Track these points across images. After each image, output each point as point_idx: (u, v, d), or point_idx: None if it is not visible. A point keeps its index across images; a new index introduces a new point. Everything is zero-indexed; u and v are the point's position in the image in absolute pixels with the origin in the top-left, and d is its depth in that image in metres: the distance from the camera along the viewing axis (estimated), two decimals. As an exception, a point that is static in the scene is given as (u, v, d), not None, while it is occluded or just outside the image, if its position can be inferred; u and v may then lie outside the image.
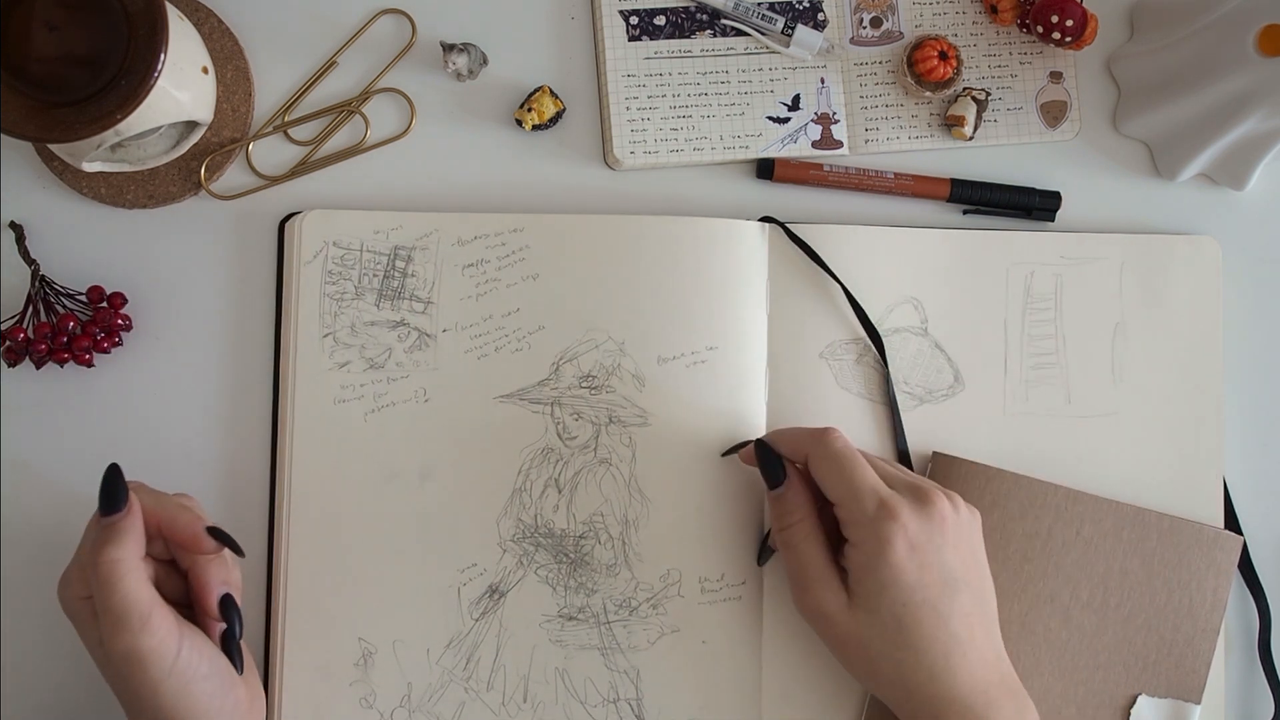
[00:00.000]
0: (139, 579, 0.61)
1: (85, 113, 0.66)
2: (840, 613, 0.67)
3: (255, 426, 0.76)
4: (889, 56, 0.80)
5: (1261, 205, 0.81)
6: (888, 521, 0.65)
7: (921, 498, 0.66)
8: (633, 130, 0.77)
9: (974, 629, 0.66)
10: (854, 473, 0.67)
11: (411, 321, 0.75)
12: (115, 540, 0.62)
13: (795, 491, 0.69)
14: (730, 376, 0.75)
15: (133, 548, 0.62)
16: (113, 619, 0.61)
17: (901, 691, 0.66)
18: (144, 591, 0.61)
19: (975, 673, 0.65)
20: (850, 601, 0.67)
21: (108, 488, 0.63)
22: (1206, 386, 0.79)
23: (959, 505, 0.68)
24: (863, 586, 0.66)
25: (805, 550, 0.68)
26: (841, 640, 0.67)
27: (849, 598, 0.67)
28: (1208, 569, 0.75)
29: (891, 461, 0.72)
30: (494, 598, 0.74)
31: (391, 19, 0.78)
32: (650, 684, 0.74)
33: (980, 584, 0.68)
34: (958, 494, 0.69)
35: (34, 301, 0.74)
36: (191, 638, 0.63)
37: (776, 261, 0.77)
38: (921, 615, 0.65)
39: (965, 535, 0.68)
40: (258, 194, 0.77)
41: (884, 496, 0.66)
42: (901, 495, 0.66)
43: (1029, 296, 0.78)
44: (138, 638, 0.60)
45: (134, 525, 0.63)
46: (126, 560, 0.61)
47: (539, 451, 0.75)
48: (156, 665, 0.61)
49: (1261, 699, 0.79)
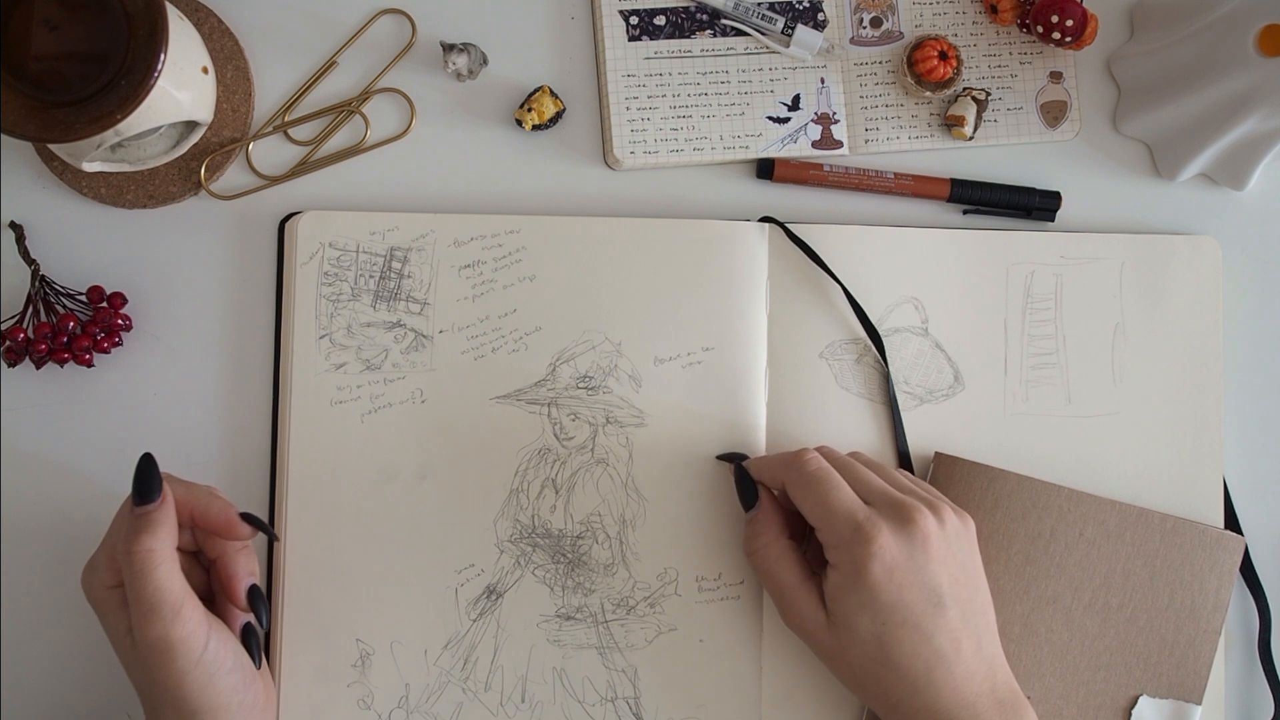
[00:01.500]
0: (172, 569, 0.62)
1: (85, 113, 0.66)
2: (820, 630, 0.67)
3: (255, 427, 0.76)
4: (889, 56, 0.80)
5: (1261, 205, 0.81)
6: (862, 545, 0.65)
7: (902, 516, 0.66)
8: (633, 130, 0.77)
9: (961, 643, 0.65)
10: (828, 495, 0.67)
11: (408, 323, 0.75)
12: (150, 530, 0.62)
13: (766, 514, 0.70)
14: (727, 377, 0.75)
15: (166, 538, 0.63)
16: (145, 608, 0.61)
17: (886, 704, 0.66)
18: (177, 581, 0.62)
19: (961, 687, 0.65)
20: (829, 620, 0.67)
21: (142, 477, 0.63)
22: (1206, 386, 0.78)
23: (946, 519, 0.67)
24: (840, 607, 0.66)
25: (777, 571, 0.69)
26: (826, 655, 0.68)
27: (827, 617, 0.67)
28: (1210, 570, 0.75)
29: (884, 468, 0.72)
30: (491, 598, 0.74)
31: (391, 19, 0.78)
32: (648, 683, 0.74)
33: (970, 596, 0.67)
34: (948, 502, 0.69)
35: (34, 301, 0.74)
36: (218, 631, 0.64)
37: (776, 261, 0.77)
38: (903, 634, 0.64)
39: (953, 549, 0.67)
40: (258, 194, 0.77)
41: (860, 519, 0.65)
42: (881, 514, 0.66)
43: (1029, 296, 0.78)
44: (170, 627, 0.61)
45: (168, 515, 0.63)
46: (161, 550, 0.62)
47: (536, 452, 0.75)
48: (185, 656, 0.62)
49: (1261, 699, 0.79)
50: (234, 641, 0.65)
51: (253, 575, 0.67)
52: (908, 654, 0.64)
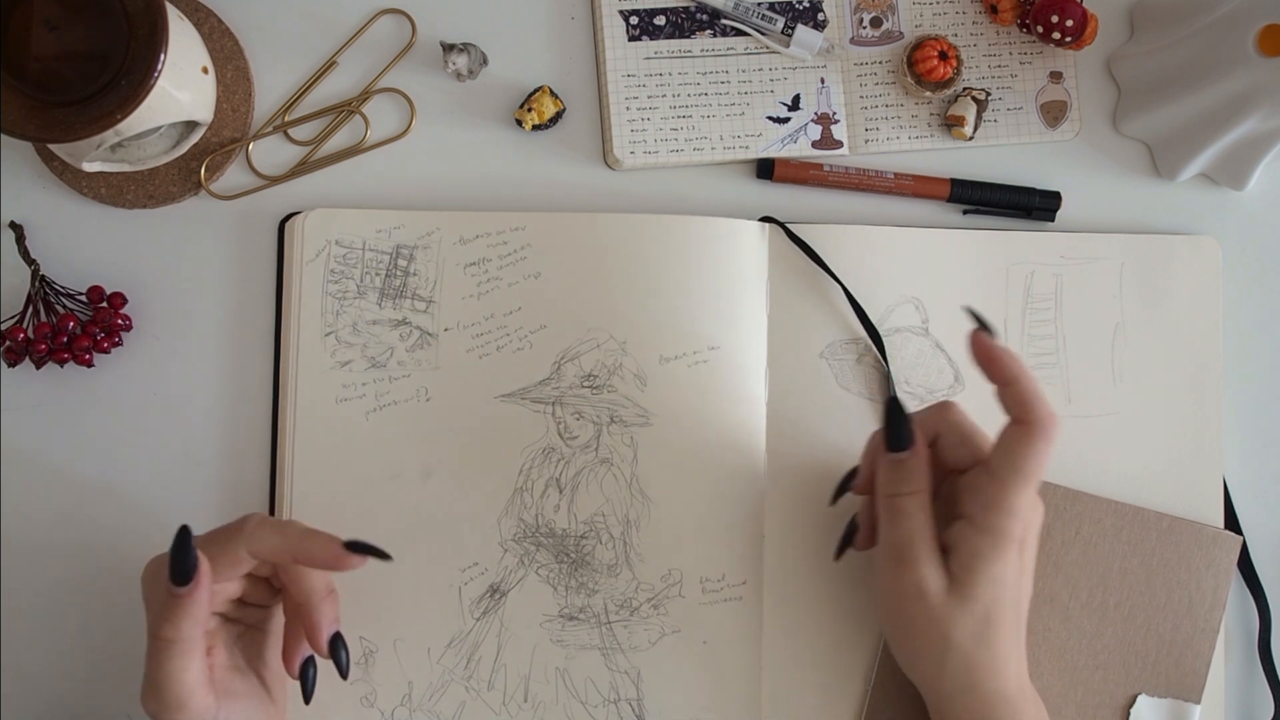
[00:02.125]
0: (187, 662, 0.61)
1: (85, 113, 0.66)
2: (938, 594, 0.64)
3: (255, 426, 0.76)
4: (889, 56, 0.80)
5: (1261, 205, 0.81)
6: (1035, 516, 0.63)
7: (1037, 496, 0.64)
8: (633, 130, 0.77)
9: (1021, 631, 0.66)
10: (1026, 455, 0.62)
11: (413, 320, 0.75)
12: (173, 619, 0.61)
13: (920, 460, 0.66)
14: (732, 377, 0.75)
15: (191, 627, 0.61)
16: (151, 685, 0.61)
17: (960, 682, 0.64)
18: (187, 676, 0.61)
19: (1021, 673, 0.65)
20: (950, 586, 0.64)
21: (178, 556, 0.60)
22: (1206, 386, 0.79)
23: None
24: (970, 575, 0.63)
25: (918, 522, 0.65)
26: (923, 623, 0.64)
27: (949, 582, 0.64)
28: (1207, 569, 0.76)
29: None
30: (495, 597, 0.74)
31: (391, 19, 0.78)
32: (651, 684, 0.74)
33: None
34: None
35: (34, 301, 0.74)
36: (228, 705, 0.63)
37: (776, 261, 0.77)
38: (1005, 616, 0.64)
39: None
40: (258, 194, 0.77)
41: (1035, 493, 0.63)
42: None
43: (1029, 296, 0.78)
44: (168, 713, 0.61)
45: (197, 604, 0.61)
46: (181, 642, 0.61)
47: (540, 451, 0.75)
48: None
49: (1261, 699, 0.79)
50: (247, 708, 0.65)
51: (336, 623, 0.66)
52: (1004, 637, 0.64)
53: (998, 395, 0.64)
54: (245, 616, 0.68)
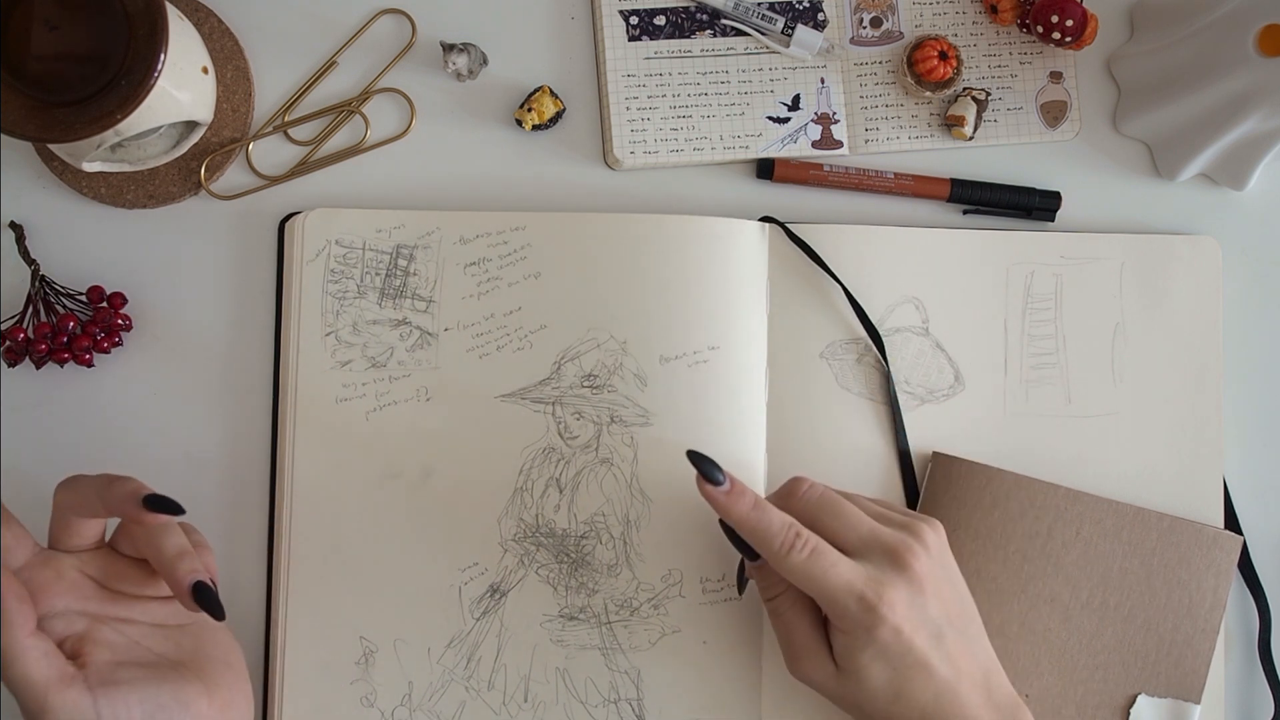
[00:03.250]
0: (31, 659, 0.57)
1: (85, 113, 0.66)
2: (829, 681, 0.66)
3: (255, 426, 0.76)
4: (889, 56, 0.80)
5: (1261, 205, 0.81)
6: (869, 613, 0.63)
7: (897, 561, 0.64)
8: (633, 130, 0.77)
9: (959, 663, 0.65)
10: (824, 576, 0.63)
11: (413, 320, 0.75)
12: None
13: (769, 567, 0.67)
14: (732, 377, 0.75)
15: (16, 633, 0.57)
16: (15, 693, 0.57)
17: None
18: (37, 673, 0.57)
19: (968, 701, 0.65)
20: (839, 672, 0.66)
21: None
22: (1206, 386, 0.79)
23: (928, 540, 0.66)
24: (851, 662, 0.64)
25: (791, 620, 0.67)
26: (835, 700, 0.67)
27: (837, 669, 0.66)
28: (1207, 569, 0.76)
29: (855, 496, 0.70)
30: (495, 597, 0.74)
31: (391, 19, 0.78)
32: (651, 684, 0.74)
33: (960, 612, 0.67)
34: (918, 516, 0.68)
35: (34, 301, 0.74)
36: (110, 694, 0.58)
37: (776, 261, 0.77)
38: (911, 674, 0.64)
39: (940, 571, 0.66)
40: (258, 194, 0.77)
41: (860, 589, 0.63)
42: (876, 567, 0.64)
43: (1029, 296, 0.78)
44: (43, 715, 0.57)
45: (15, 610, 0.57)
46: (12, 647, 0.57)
47: (540, 451, 0.75)
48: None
49: (1261, 699, 0.79)
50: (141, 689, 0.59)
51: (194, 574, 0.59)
52: (918, 689, 0.64)
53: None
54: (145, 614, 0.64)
